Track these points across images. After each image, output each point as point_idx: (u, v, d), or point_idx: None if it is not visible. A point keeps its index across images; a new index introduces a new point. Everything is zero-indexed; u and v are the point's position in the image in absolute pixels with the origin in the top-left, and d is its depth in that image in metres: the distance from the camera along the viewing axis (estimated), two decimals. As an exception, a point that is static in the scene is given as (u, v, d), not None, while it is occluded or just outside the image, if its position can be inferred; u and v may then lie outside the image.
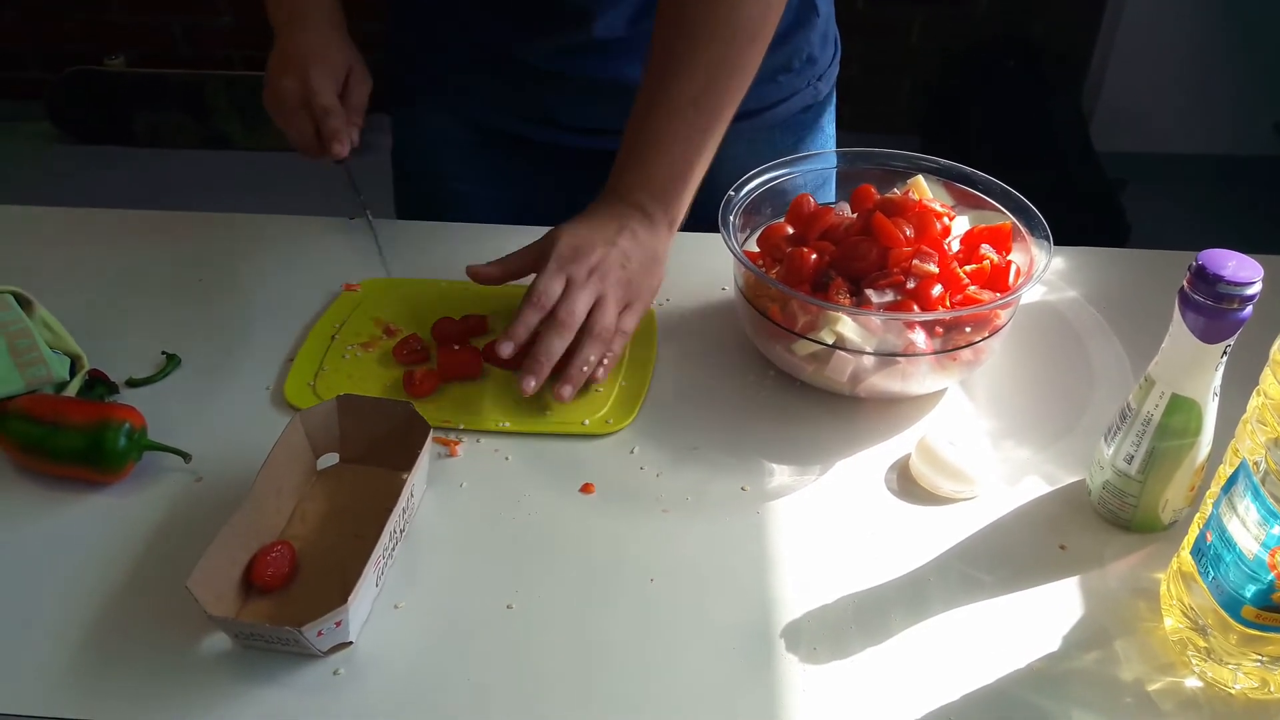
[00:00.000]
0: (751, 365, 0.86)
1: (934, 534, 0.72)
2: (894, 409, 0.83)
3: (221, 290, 0.94)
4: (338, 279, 0.95)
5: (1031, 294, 0.94)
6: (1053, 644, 0.65)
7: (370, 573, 0.65)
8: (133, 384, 0.83)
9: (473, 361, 0.84)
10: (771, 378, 0.85)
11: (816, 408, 0.82)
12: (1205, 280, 0.61)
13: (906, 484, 0.76)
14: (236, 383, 0.84)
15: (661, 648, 0.65)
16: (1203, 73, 2.63)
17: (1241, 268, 0.61)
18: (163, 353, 0.86)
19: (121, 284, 0.95)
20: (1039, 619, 0.67)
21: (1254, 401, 0.57)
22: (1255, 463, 0.57)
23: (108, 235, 1.02)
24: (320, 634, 0.62)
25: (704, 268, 0.96)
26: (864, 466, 0.78)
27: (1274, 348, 0.55)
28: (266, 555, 0.68)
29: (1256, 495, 0.56)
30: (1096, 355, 0.88)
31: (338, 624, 0.62)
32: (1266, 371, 0.56)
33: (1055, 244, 0.82)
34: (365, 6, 1.26)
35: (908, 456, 0.78)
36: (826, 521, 0.74)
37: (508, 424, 0.79)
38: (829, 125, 1.11)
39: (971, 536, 0.72)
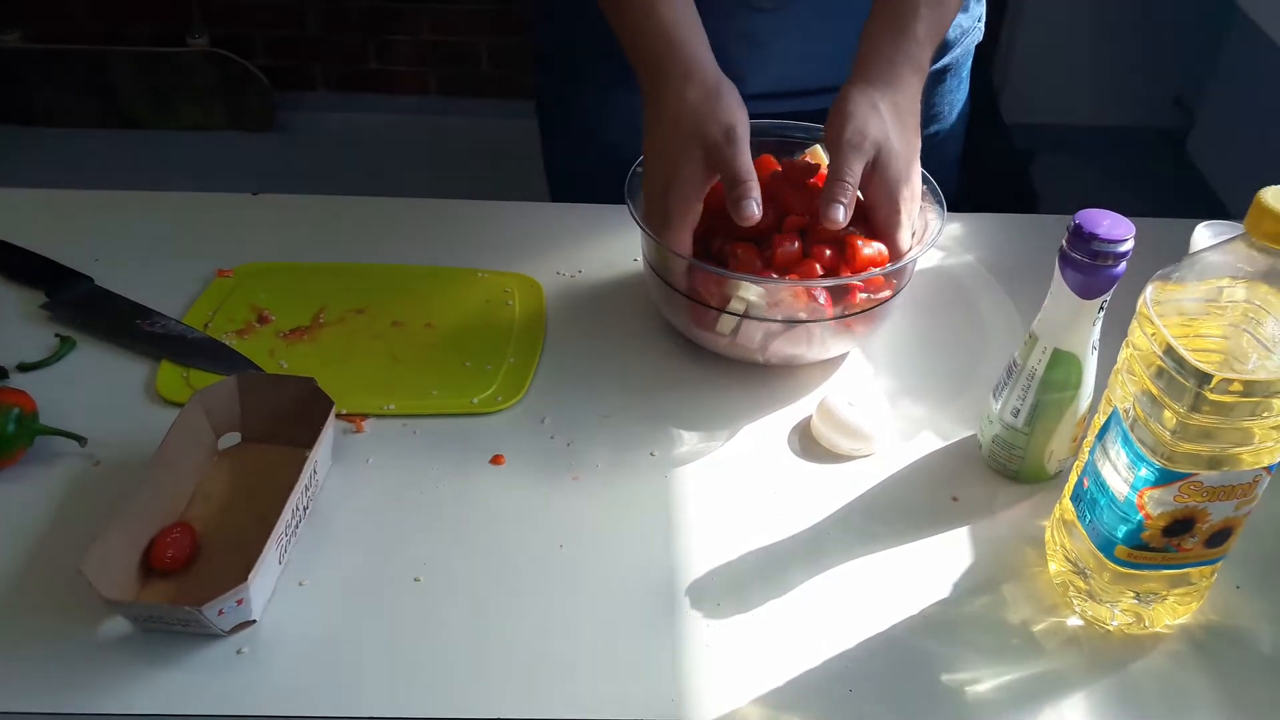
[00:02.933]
0: (665, 334, 0.87)
1: (833, 491, 0.74)
2: (799, 374, 0.85)
3: (114, 272, 0.91)
4: (214, 264, 0.93)
5: (930, 259, 0.97)
6: (944, 591, 0.68)
7: (272, 550, 0.65)
8: (24, 369, 0.81)
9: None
10: (681, 346, 0.86)
11: (725, 375, 0.84)
12: (1081, 239, 0.64)
13: (808, 444, 0.78)
14: (130, 368, 0.83)
15: (570, 612, 0.66)
16: (1107, 47, 2.70)
17: (1115, 226, 0.64)
18: (56, 335, 0.84)
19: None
20: (932, 568, 0.69)
21: (1124, 353, 0.60)
22: (1125, 410, 0.59)
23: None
24: (221, 613, 0.62)
25: (622, 238, 0.97)
26: (769, 430, 0.80)
27: (1140, 301, 0.58)
28: (165, 537, 0.67)
29: (1126, 441, 0.59)
30: (989, 315, 0.91)
31: (239, 602, 0.62)
32: (1134, 324, 0.58)
33: (965, 211, 0.84)
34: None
35: (810, 418, 0.80)
36: (732, 483, 0.75)
37: (393, 406, 0.79)
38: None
39: (869, 492, 0.75)
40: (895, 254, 0.80)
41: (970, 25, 1.07)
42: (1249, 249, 0.54)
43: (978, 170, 2.41)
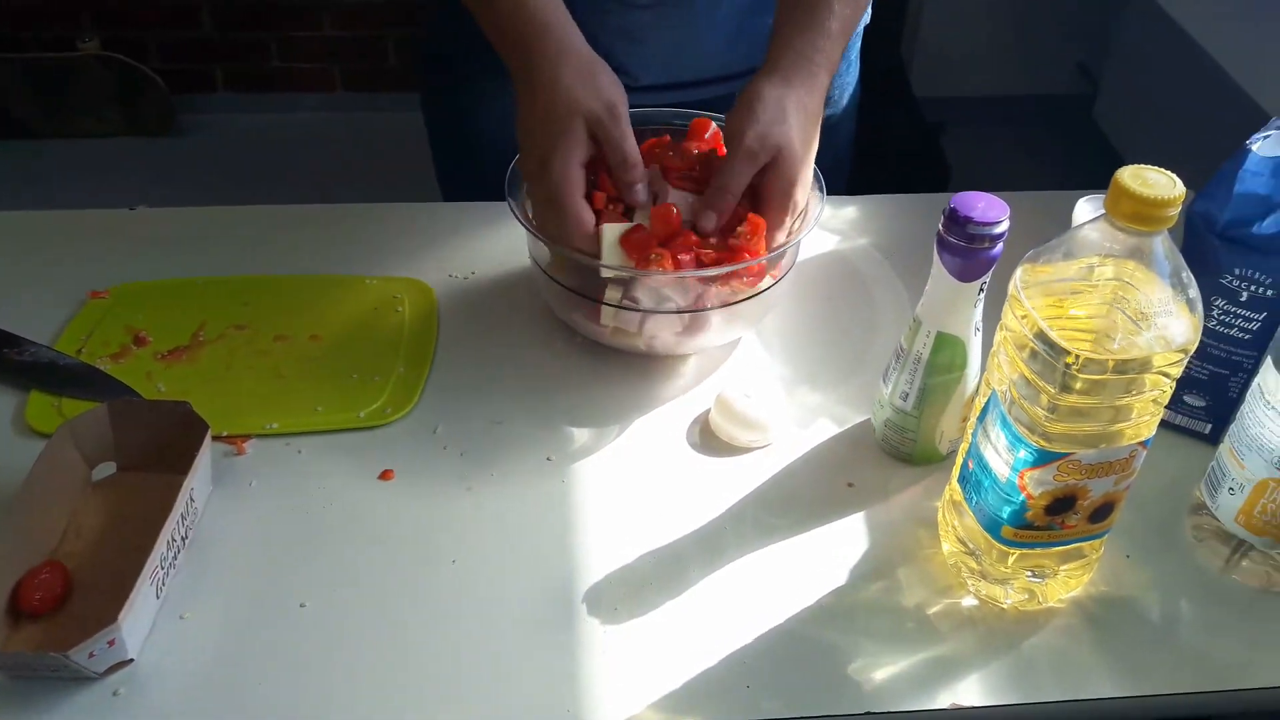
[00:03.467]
0: (559, 332, 0.86)
1: (731, 484, 0.74)
2: (694, 363, 0.84)
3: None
4: (86, 285, 0.89)
5: (825, 243, 0.97)
6: (841, 579, 0.67)
7: (146, 585, 0.62)
8: (-118, 407, 0.77)
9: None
10: (577, 344, 0.85)
11: (621, 369, 0.83)
12: (957, 223, 0.63)
13: (707, 438, 0.78)
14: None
15: (464, 629, 0.64)
16: (1010, 16, 2.74)
17: (990, 208, 0.63)
18: (-84, 371, 0.80)
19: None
20: (828, 557, 0.69)
21: (999, 335, 0.60)
22: (1002, 392, 0.59)
23: None
24: (92, 655, 0.59)
25: (516, 236, 0.95)
26: (668, 424, 0.79)
27: (1010, 284, 0.58)
28: (34, 578, 0.64)
29: (1004, 423, 0.59)
30: (882, 299, 0.91)
31: (110, 643, 0.59)
32: (1005, 307, 0.58)
33: (880, 190, 0.83)
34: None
35: (707, 412, 0.79)
36: (630, 482, 0.74)
37: (276, 425, 0.77)
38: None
39: (766, 483, 0.74)
40: (768, 248, 0.79)
41: None
42: (1112, 228, 0.54)
43: (889, 146, 2.45)
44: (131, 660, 0.62)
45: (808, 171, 0.80)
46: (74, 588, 0.66)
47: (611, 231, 0.76)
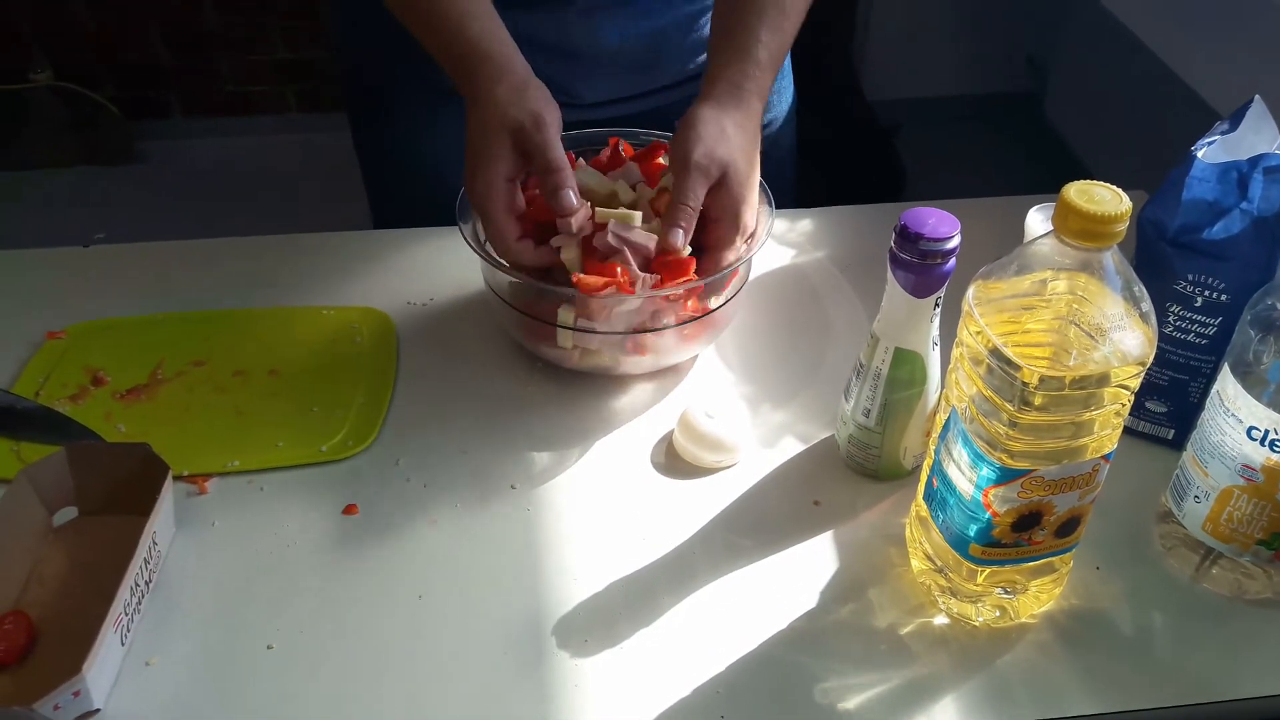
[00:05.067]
0: (518, 358, 0.86)
1: (698, 506, 0.74)
2: (654, 382, 0.84)
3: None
4: (43, 326, 0.87)
5: (781, 258, 0.97)
6: (811, 601, 0.67)
7: (111, 632, 0.61)
8: None
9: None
10: (539, 368, 0.85)
11: (581, 392, 0.83)
12: (909, 239, 0.64)
13: (672, 460, 0.77)
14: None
15: (432, 665, 0.64)
16: (958, 16, 2.77)
17: (940, 224, 0.64)
18: None
19: None
20: (798, 578, 0.69)
21: (955, 351, 0.60)
22: (962, 409, 0.60)
23: None
24: (57, 707, 0.58)
25: (474, 261, 0.94)
26: (630, 447, 0.78)
27: (964, 301, 0.58)
28: (-4, 629, 0.64)
29: (966, 440, 0.59)
30: (837, 314, 0.91)
31: (75, 694, 0.59)
32: (961, 323, 0.59)
33: (835, 197, 0.83)
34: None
35: (671, 433, 0.79)
36: (596, 509, 0.74)
37: (237, 463, 0.76)
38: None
39: (733, 504, 0.74)
40: (718, 263, 0.79)
41: None
42: (1061, 244, 0.54)
43: (843, 151, 2.46)
44: (98, 710, 0.61)
45: (753, 193, 0.81)
46: (38, 637, 0.65)
47: (570, 250, 0.77)
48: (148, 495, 0.69)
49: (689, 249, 0.78)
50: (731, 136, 0.78)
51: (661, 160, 0.85)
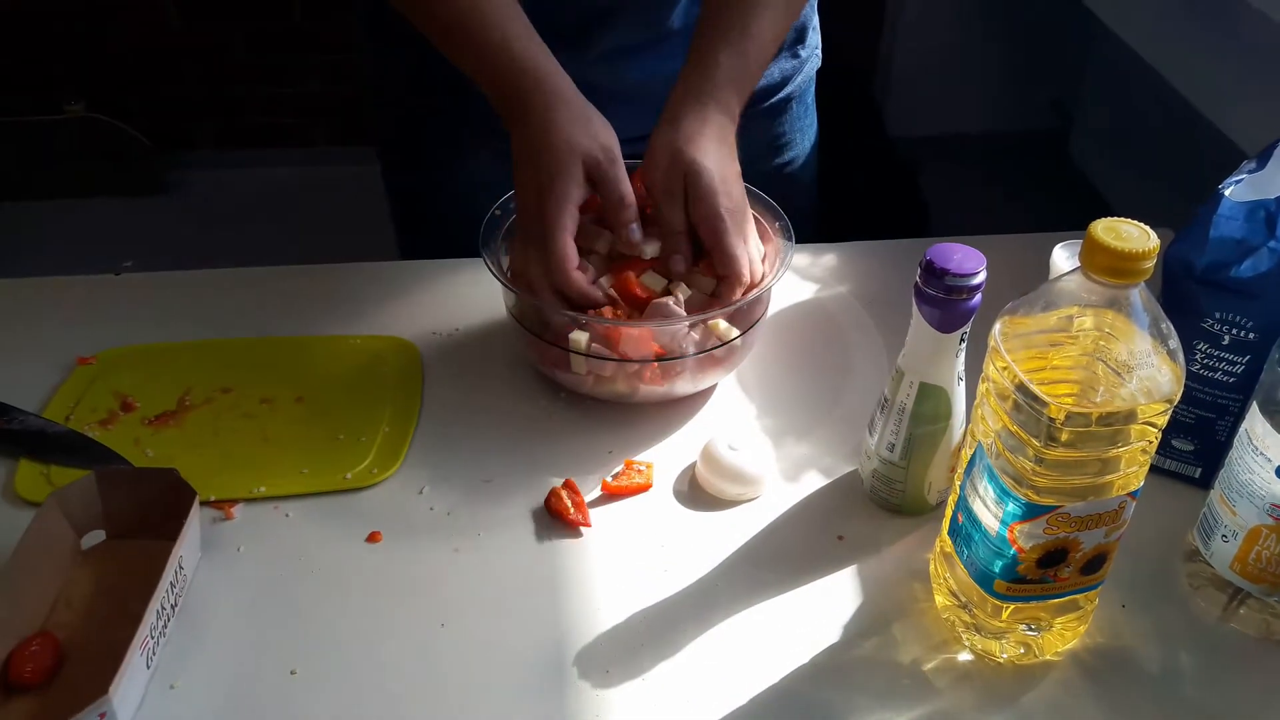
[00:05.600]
0: (541, 387, 0.86)
1: (720, 539, 0.74)
2: (676, 411, 0.84)
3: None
4: (74, 351, 0.89)
5: (803, 292, 0.97)
6: (834, 635, 0.67)
7: (137, 655, 0.62)
8: None
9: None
10: (561, 398, 0.85)
11: (603, 421, 0.83)
12: (934, 274, 0.64)
13: (695, 491, 0.77)
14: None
15: (454, 694, 0.64)
16: (982, 55, 2.78)
17: (966, 259, 0.64)
18: (-98, 442, 0.79)
19: None
20: (820, 612, 0.69)
21: (981, 387, 0.60)
22: (988, 445, 0.60)
23: None
24: (83, 729, 0.59)
25: (498, 291, 0.96)
26: (654, 478, 0.78)
27: (990, 337, 0.58)
28: (25, 650, 0.64)
29: (992, 476, 0.59)
30: (861, 348, 0.91)
31: (102, 716, 0.59)
32: (987, 359, 0.59)
33: (858, 234, 0.83)
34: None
35: (694, 465, 0.79)
36: (619, 539, 0.74)
37: (263, 489, 0.76)
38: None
39: (756, 536, 0.74)
40: (731, 262, 0.79)
41: (808, 55, 1.10)
42: (1089, 280, 0.54)
43: (865, 188, 2.47)
44: (122, 733, 0.61)
45: (729, 184, 0.81)
46: (65, 658, 0.65)
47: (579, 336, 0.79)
48: (175, 520, 0.69)
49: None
50: (687, 149, 0.79)
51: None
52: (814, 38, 1.10)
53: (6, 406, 0.83)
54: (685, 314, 0.79)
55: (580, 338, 0.78)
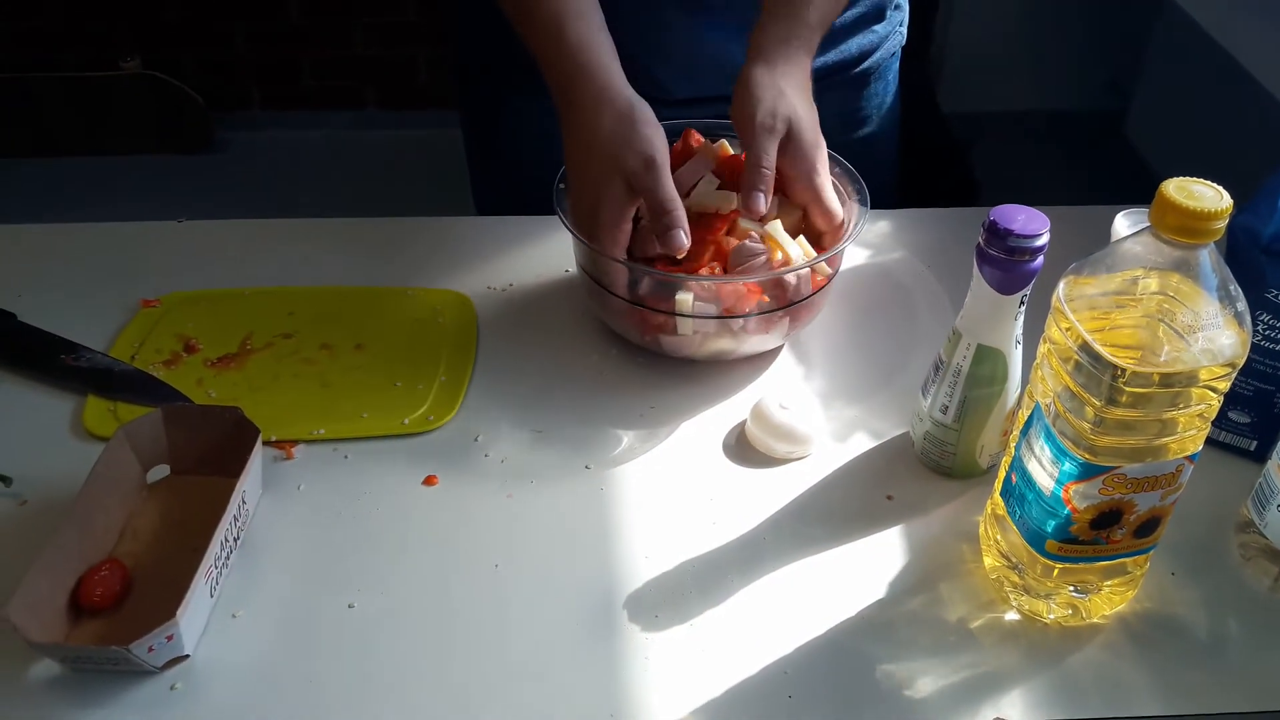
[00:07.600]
0: (596, 343, 0.87)
1: (769, 495, 0.74)
2: (730, 370, 0.85)
3: (38, 307, 0.89)
4: (139, 294, 0.91)
5: (861, 256, 0.97)
6: (881, 591, 0.68)
7: (201, 583, 0.64)
8: (-56, 410, 0.79)
9: None
10: (613, 355, 0.86)
11: (658, 376, 0.84)
12: (997, 235, 0.64)
13: (743, 449, 0.78)
14: (55, 404, 0.81)
15: (505, 632, 0.65)
16: (1039, 33, 2.74)
17: (1030, 221, 0.64)
18: (-24, 375, 0.82)
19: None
20: (868, 569, 0.69)
21: (1042, 348, 0.61)
22: (1046, 405, 0.60)
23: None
24: (151, 649, 0.60)
25: (553, 249, 0.97)
26: (703, 434, 0.79)
27: (1054, 296, 0.58)
28: (94, 575, 0.66)
29: (1049, 436, 0.59)
30: (921, 311, 0.91)
31: (169, 638, 0.61)
32: (1049, 319, 0.59)
33: (907, 205, 0.84)
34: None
35: (744, 422, 0.79)
36: (668, 491, 0.75)
37: (323, 431, 0.78)
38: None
39: (804, 494, 0.75)
40: (830, 214, 0.81)
41: (890, 30, 1.09)
42: (1157, 241, 0.54)
43: (918, 161, 2.44)
44: (188, 656, 0.63)
45: (819, 137, 0.82)
46: (132, 586, 0.68)
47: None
48: (238, 457, 0.71)
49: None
50: (787, 89, 0.80)
51: (697, 141, 0.88)
52: (896, 15, 1.09)
53: (75, 344, 0.85)
54: (764, 248, 0.79)
55: (686, 298, 0.78)
